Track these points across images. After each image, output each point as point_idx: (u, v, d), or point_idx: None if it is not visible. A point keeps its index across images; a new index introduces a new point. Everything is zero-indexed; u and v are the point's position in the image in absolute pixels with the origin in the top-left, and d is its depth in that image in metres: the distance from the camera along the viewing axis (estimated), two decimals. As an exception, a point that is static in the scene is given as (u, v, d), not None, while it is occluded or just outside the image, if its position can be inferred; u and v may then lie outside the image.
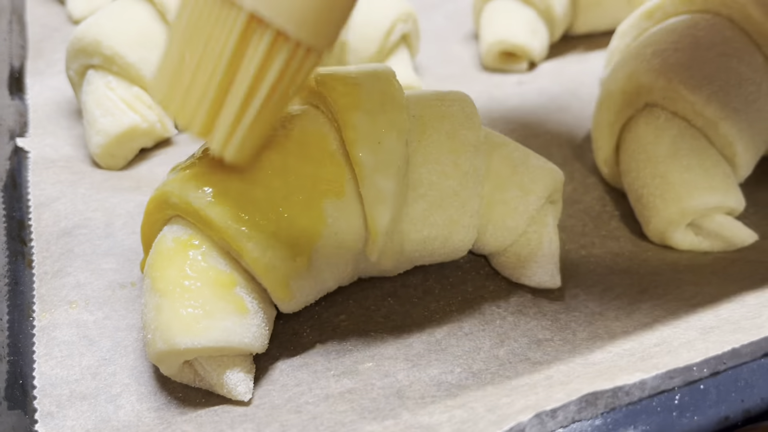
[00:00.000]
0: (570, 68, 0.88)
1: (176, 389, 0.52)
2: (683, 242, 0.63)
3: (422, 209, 0.55)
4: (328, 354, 0.55)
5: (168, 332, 0.48)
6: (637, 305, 0.58)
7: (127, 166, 0.73)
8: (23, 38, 0.90)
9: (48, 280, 0.59)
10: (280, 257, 0.50)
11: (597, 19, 0.92)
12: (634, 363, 0.47)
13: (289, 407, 0.50)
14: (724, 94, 0.62)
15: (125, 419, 0.50)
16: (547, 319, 0.57)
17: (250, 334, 0.50)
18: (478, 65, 0.91)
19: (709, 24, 0.67)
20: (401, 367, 0.53)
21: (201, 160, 0.52)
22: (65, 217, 0.64)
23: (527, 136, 0.77)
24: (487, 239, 0.59)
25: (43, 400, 0.51)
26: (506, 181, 0.59)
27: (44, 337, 0.55)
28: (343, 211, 0.52)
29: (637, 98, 0.66)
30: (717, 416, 0.44)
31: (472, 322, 0.57)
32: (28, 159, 0.71)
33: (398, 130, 0.52)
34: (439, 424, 0.45)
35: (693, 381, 0.45)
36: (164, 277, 0.50)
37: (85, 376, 0.52)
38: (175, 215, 0.52)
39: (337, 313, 0.58)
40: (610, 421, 0.43)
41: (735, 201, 0.61)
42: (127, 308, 0.57)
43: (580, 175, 0.72)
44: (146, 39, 0.73)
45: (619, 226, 0.67)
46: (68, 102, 0.80)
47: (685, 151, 0.63)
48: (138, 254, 0.61)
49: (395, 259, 0.56)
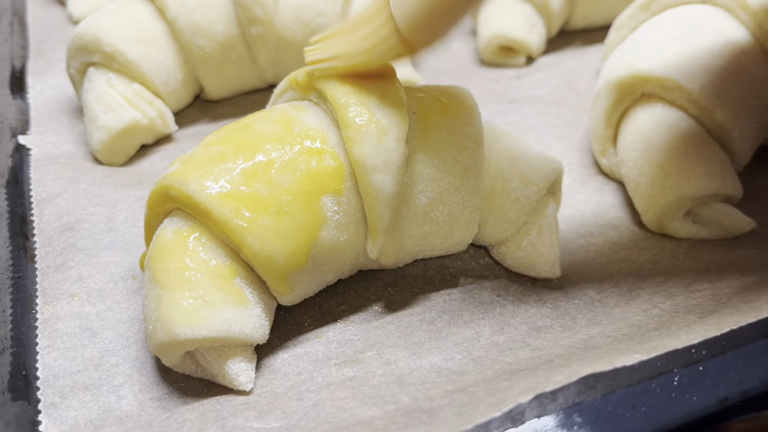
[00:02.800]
0: (567, 62, 0.88)
1: (178, 379, 0.53)
2: (681, 230, 0.63)
3: (423, 205, 0.55)
4: (329, 343, 0.55)
5: (169, 323, 0.48)
6: (637, 292, 0.58)
7: (128, 162, 0.74)
8: (24, 39, 0.91)
9: (50, 273, 0.59)
10: (279, 251, 0.50)
11: (594, 13, 0.93)
12: (633, 346, 0.47)
13: (291, 395, 0.50)
14: (721, 82, 0.63)
15: (128, 409, 0.50)
16: (547, 307, 0.57)
17: (250, 325, 0.50)
18: (476, 60, 0.91)
19: (704, 14, 0.68)
20: (402, 355, 0.53)
21: (201, 154, 0.52)
22: (67, 213, 0.64)
23: (526, 129, 0.77)
24: (488, 231, 0.60)
25: (46, 391, 0.51)
26: (506, 173, 0.59)
27: (47, 329, 0.55)
28: (343, 206, 0.53)
29: (634, 89, 0.66)
30: (716, 397, 0.45)
31: (473, 310, 0.57)
32: (30, 156, 0.71)
33: (398, 128, 0.53)
34: (440, 408, 0.45)
35: (692, 363, 0.46)
36: (165, 268, 0.50)
37: (88, 367, 0.53)
38: (176, 208, 0.53)
39: (338, 304, 0.58)
40: (609, 402, 0.44)
41: (733, 188, 0.62)
42: (129, 300, 0.58)
43: (578, 166, 0.73)
44: (146, 36, 0.73)
45: (618, 215, 0.67)
46: (69, 100, 0.80)
47: (683, 139, 0.63)
48: (139, 248, 0.61)
49: (396, 255, 0.57)
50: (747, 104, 0.63)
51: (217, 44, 0.75)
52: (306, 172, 0.52)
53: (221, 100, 0.82)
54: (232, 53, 0.77)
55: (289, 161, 0.52)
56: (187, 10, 0.74)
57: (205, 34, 0.74)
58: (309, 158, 0.52)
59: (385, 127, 0.52)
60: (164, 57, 0.74)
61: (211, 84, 0.79)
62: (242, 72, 0.79)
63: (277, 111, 0.55)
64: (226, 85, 0.80)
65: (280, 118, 0.54)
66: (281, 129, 0.53)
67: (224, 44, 0.76)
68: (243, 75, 0.79)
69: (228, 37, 0.75)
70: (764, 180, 0.70)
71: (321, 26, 0.77)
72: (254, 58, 0.78)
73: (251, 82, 0.81)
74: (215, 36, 0.75)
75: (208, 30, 0.74)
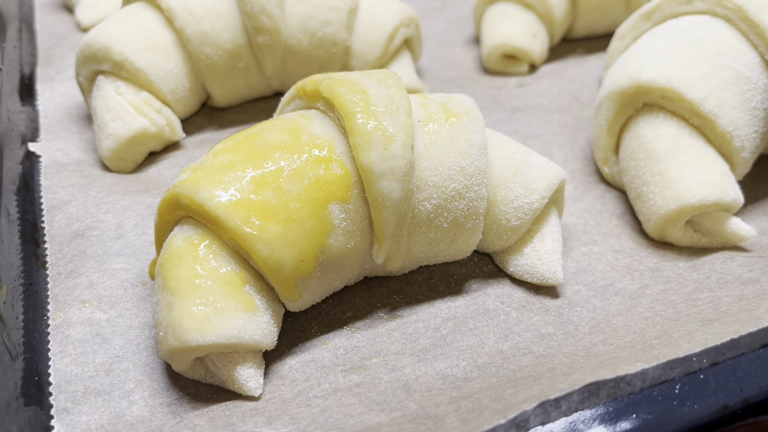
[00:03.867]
0: (570, 70, 0.89)
1: (188, 385, 0.53)
2: (682, 239, 0.64)
3: (428, 212, 0.56)
4: (336, 350, 0.56)
5: (179, 329, 0.49)
6: (638, 300, 0.59)
7: (137, 169, 0.74)
8: (33, 46, 0.91)
9: (61, 280, 0.60)
10: (287, 257, 0.51)
11: (596, 21, 0.93)
12: (636, 354, 0.48)
13: (299, 401, 0.51)
14: (721, 92, 0.63)
15: (138, 414, 0.51)
16: (550, 314, 0.58)
17: (259, 331, 0.51)
18: (479, 68, 0.92)
19: (705, 25, 0.68)
20: (408, 362, 0.54)
21: (211, 163, 0.53)
22: (77, 220, 0.65)
23: (529, 137, 0.78)
24: (492, 238, 0.61)
25: (58, 397, 0.52)
26: (509, 181, 0.60)
27: (58, 335, 0.56)
28: (350, 214, 0.53)
29: (636, 98, 0.67)
30: (716, 405, 0.45)
31: (477, 317, 0.58)
32: (40, 163, 0.72)
33: (404, 135, 0.54)
34: (446, 415, 0.46)
35: (693, 371, 0.46)
36: (175, 275, 0.51)
37: (99, 373, 0.54)
38: (186, 216, 0.53)
39: (344, 311, 0.59)
40: (612, 410, 0.44)
41: (733, 197, 0.62)
42: (139, 307, 0.58)
43: (581, 175, 0.74)
44: (154, 44, 0.74)
45: (620, 223, 0.68)
46: (78, 107, 0.81)
47: (684, 149, 0.64)
48: (148, 254, 0.62)
49: (401, 261, 0.57)
50: (748, 114, 0.64)
51: (225, 53, 0.76)
52: (314, 180, 0.52)
53: (228, 108, 0.83)
54: (239, 61, 0.77)
55: (298, 169, 0.52)
56: (195, 19, 0.75)
57: (213, 43, 0.75)
58: (317, 166, 0.53)
59: (392, 134, 0.53)
60: (172, 65, 0.75)
61: (218, 92, 0.80)
62: (249, 80, 0.80)
63: (284, 120, 0.56)
64: (233, 93, 0.81)
65: (288, 126, 0.55)
66: (289, 138, 0.54)
67: (231, 53, 0.76)
68: (250, 83, 0.80)
69: (235, 45, 0.76)
70: (765, 189, 0.70)
71: (327, 35, 0.78)
72: (261, 66, 0.79)
73: (258, 89, 0.82)
74: (222, 44, 0.76)
75: (216, 39, 0.75)
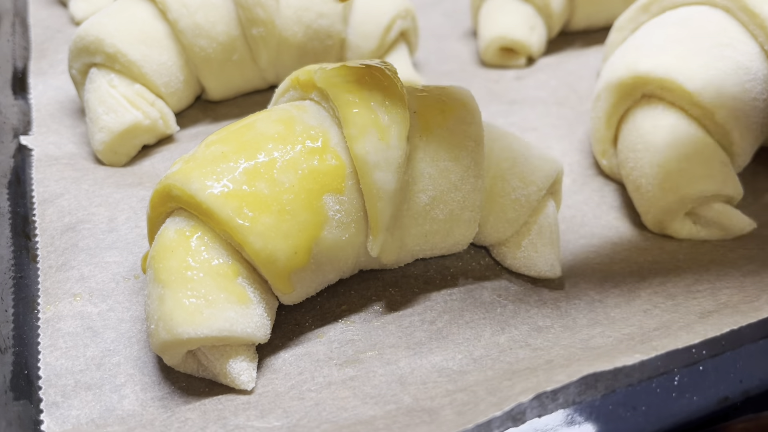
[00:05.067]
0: (568, 63, 0.89)
1: (180, 379, 0.53)
2: (682, 231, 0.64)
3: (423, 204, 0.55)
4: (331, 343, 0.55)
5: (171, 322, 0.48)
6: (637, 292, 0.58)
7: (130, 162, 0.74)
8: (26, 40, 0.91)
9: (52, 273, 0.60)
10: (281, 249, 0.50)
11: (594, 14, 0.93)
12: (634, 346, 0.47)
13: (292, 394, 0.51)
14: (720, 83, 0.63)
15: (130, 408, 0.50)
16: (547, 307, 0.57)
17: (252, 324, 0.50)
18: (476, 61, 0.92)
19: (704, 15, 0.68)
20: (403, 355, 0.53)
21: (203, 154, 0.52)
22: (69, 213, 0.64)
23: (527, 129, 0.77)
24: (489, 231, 0.60)
25: (48, 391, 0.51)
26: (506, 172, 0.59)
27: (49, 328, 0.55)
28: (345, 205, 0.53)
29: (635, 89, 0.66)
30: (716, 397, 0.45)
31: (473, 310, 0.57)
32: (32, 156, 0.71)
33: (399, 126, 0.53)
34: (441, 407, 0.45)
35: (692, 362, 0.46)
36: (167, 267, 0.50)
37: (90, 367, 0.53)
38: (178, 208, 0.53)
39: (339, 304, 0.58)
40: (610, 402, 0.44)
41: (733, 189, 0.62)
42: (131, 300, 0.58)
43: (579, 167, 0.73)
44: (148, 37, 0.74)
45: (618, 216, 0.67)
46: (71, 101, 0.80)
47: (683, 140, 0.63)
48: (140, 248, 0.62)
49: (396, 254, 0.57)
50: (747, 105, 0.63)
51: (219, 45, 0.75)
52: (308, 171, 0.52)
53: (222, 101, 0.83)
54: (234, 54, 0.77)
55: (291, 160, 0.52)
56: (189, 12, 0.74)
57: (207, 35, 0.75)
58: (310, 157, 0.52)
59: (387, 125, 0.52)
60: (166, 58, 0.74)
61: (213, 84, 0.79)
62: (243, 72, 0.79)
63: (278, 110, 0.55)
64: (228, 86, 0.80)
65: (282, 117, 0.54)
66: (283, 128, 0.53)
67: (225, 45, 0.76)
68: (244, 75, 0.80)
69: (229, 37, 0.76)
70: (764, 181, 0.70)
71: (322, 27, 0.77)
72: (255, 58, 0.78)
73: (252, 82, 0.81)
74: (216, 37, 0.75)
75: (210, 31, 0.75)
